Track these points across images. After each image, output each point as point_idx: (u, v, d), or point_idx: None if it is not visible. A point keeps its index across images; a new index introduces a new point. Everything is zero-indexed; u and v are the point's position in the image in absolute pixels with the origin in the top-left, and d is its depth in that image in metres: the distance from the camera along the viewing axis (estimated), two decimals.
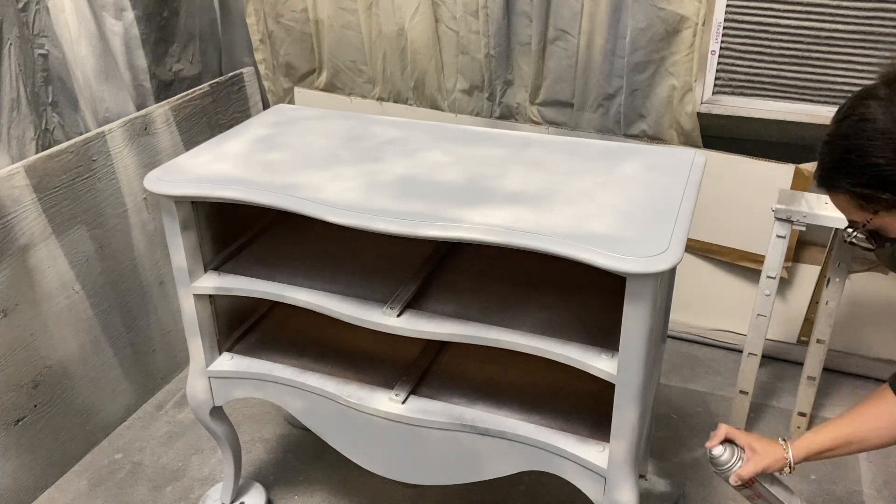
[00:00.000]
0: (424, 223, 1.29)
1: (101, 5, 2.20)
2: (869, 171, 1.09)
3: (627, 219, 1.31)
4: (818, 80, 2.17)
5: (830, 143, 1.16)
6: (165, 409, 2.37)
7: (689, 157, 1.56)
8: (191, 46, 2.58)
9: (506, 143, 1.66)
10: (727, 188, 2.27)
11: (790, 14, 2.11)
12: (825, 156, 1.18)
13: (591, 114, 2.39)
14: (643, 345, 1.25)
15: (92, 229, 2.11)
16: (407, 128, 1.76)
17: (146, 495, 2.05)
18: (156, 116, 2.31)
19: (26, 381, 1.96)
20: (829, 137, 1.17)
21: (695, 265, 2.46)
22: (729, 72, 2.25)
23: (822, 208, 1.82)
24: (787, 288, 2.39)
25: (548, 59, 2.36)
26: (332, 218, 1.35)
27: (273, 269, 1.63)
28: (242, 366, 1.67)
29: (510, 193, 1.40)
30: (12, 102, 1.98)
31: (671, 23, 2.16)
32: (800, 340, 2.42)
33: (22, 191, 1.89)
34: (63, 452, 2.12)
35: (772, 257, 1.89)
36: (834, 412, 2.28)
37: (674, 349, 2.56)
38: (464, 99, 2.53)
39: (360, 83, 2.67)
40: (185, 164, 1.57)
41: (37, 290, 1.96)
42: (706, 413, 2.30)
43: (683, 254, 1.22)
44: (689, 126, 2.28)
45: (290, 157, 1.59)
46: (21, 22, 1.99)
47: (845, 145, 1.13)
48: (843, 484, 2.03)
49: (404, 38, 2.49)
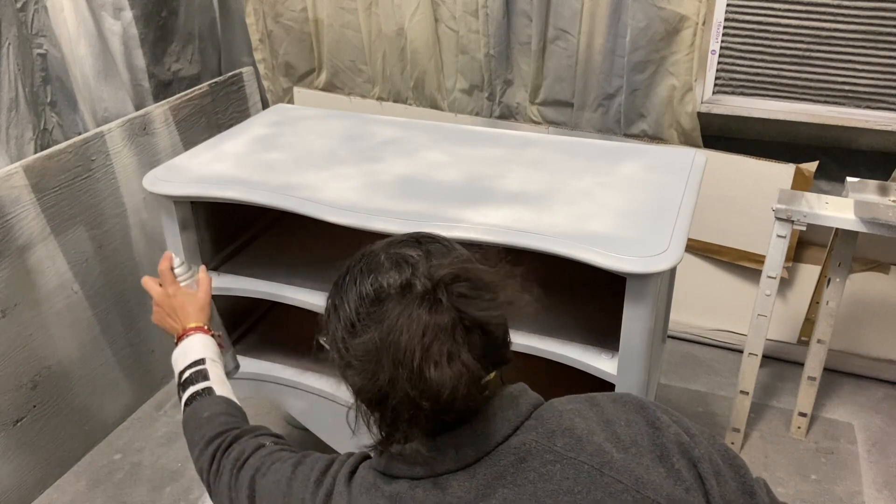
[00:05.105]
0: (424, 223, 1.29)
1: (100, 5, 2.20)
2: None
3: (627, 219, 1.30)
4: (819, 80, 2.16)
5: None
6: (165, 410, 2.37)
7: (689, 157, 1.56)
8: (190, 46, 2.57)
9: (505, 142, 1.66)
10: (727, 188, 2.26)
11: (791, 13, 2.10)
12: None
13: (591, 113, 2.39)
14: (643, 345, 1.25)
15: (91, 229, 2.11)
16: (406, 128, 1.75)
17: (145, 496, 2.05)
18: (155, 116, 2.30)
19: (25, 381, 1.96)
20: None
21: (695, 265, 2.46)
22: (729, 71, 2.25)
23: (822, 208, 1.81)
24: (787, 288, 2.39)
25: (548, 58, 2.36)
26: (331, 218, 1.35)
27: (273, 269, 1.62)
28: (242, 366, 1.66)
29: (510, 193, 1.40)
30: (11, 102, 1.98)
31: (671, 22, 2.16)
32: (800, 340, 2.42)
33: (21, 191, 1.89)
34: (62, 453, 2.11)
35: (772, 257, 1.89)
36: (835, 412, 2.28)
37: (674, 349, 2.56)
38: (463, 99, 2.53)
39: (359, 83, 2.66)
40: (184, 164, 1.57)
41: (36, 291, 1.95)
42: (706, 413, 2.30)
43: (683, 254, 1.22)
44: (689, 126, 2.28)
45: (290, 157, 1.59)
46: (20, 21, 1.99)
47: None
48: (843, 484, 2.03)
49: (404, 37, 2.49)
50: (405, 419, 0.78)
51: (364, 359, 0.79)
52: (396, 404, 0.77)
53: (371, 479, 0.84)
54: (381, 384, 0.77)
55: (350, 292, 0.83)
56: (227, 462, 0.99)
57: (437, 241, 0.86)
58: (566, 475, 0.79)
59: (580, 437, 0.81)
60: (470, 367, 0.76)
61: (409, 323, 0.75)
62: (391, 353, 0.76)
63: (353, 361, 0.81)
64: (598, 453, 0.80)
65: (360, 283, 0.83)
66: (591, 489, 0.78)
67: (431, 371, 0.74)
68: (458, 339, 0.76)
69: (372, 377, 0.78)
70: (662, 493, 0.78)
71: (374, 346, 0.77)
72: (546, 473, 0.79)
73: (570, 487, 0.78)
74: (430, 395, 0.75)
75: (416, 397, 0.75)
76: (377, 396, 0.79)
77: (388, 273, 0.81)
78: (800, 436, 2.19)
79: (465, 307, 0.77)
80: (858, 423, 2.23)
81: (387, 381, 0.76)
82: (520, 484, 0.78)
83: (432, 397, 0.75)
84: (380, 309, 0.79)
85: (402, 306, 0.77)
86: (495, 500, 0.78)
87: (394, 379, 0.76)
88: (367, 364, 0.78)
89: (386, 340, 0.76)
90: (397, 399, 0.77)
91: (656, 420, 0.84)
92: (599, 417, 0.84)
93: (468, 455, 0.80)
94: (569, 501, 0.77)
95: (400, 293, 0.79)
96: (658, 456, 0.81)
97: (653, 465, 0.80)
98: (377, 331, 0.78)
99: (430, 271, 0.79)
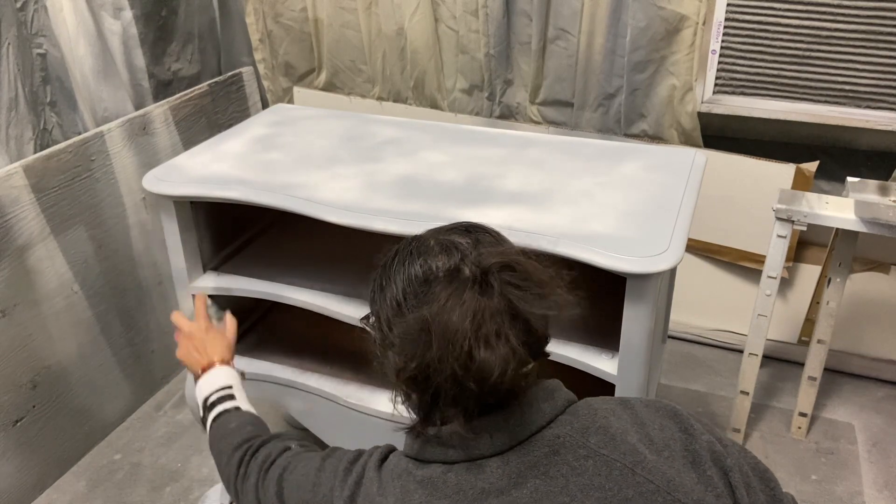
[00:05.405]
0: (424, 223, 1.28)
1: (100, 4, 2.19)
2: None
3: (628, 219, 1.30)
4: (819, 80, 2.16)
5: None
6: (164, 410, 2.37)
7: (689, 157, 1.56)
8: (190, 46, 2.57)
9: (505, 142, 1.66)
10: (727, 188, 2.26)
11: (791, 13, 2.10)
12: None
13: (591, 113, 2.39)
14: (643, 345, 1.24)
15: (90, 229, 2.10)
16: (406, 127, 1.75)
17: (145, 496, 2.05)
18: (154, 116, 2.30)
19: (25, 381, 1.95)
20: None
21: (695, 265, 2.45)
22: (729, 71, 2.25)
23: (823, 208, 1.81)
24: (787, 288, 2.39)
25: (548, 58, 2.35)
26: (331, 218, 1.35)
27: (272, 269, 1.62)
28: (242, 366, 1.66)
29: (510, 193, 1.40)
30: (10, 102, 1.98)
31: (671, 22, 2.16)
32: (800, 340, 2.42)
33: (20, 191, 1.88)
34: (62, 453, 2.11)
35: (772, 257, 1.89)
36: (835, 412, 2.28)
37: (674, 349, 2.56)
38: (463, 98, 2.53)
39: (359, 83, 2.66)
40: (183, 163, 1.57)
41: (35, 291, 1.95)
42: (706, 413, 2.30)
43: (683, 254, 1.22)
44: (689, 126, 2.28)
45: (290, 157, 1.58)
46: (19, 21, 1.99)
47: None
48: (844, 484, 2.03)
49: (404, 37, 2.49)
50: (448, 399, 0.78)
51: (408, 338, 0.79)
52: (441, 383, 0.77)
53: (403, 465, 0.84)
54: (425, 364, 0.77)
55: (398, 273, 0.84)
56: (254, 465, 1.00)
57: (488, 232, 0.87)
58: (598, 471, 0.79)
59: (614, 436, 0.81)
60: (517, 350, 0.77)
61: (460, 304, 0.76)
62: (440, 333, 0.76)
63: (396, 341, 0.81)
64: (631, 452, 0.80)
65: (409, 264, 0.83)
66: (622, 487, 0.78)
67: (481, 351, 0.75)
68: (506, 323, 0.77)
69: (416, 357, 0.78)
70: (693, 497, 0.78)
71: (421, 325, 0.77)
72: (578, 468, 0.79)
73: (602, 484, 0.78)
74: (478, 375, 0.76)
75: (462, 377, 0.76)
76: (420, 376, 0.79)
77: (437, 256, 0.82)
78: (800, 436, 2.19)
79: (513, 296, 0.78)
80: (859, 424, 2.23)
81: (434, 361, 0.76)
82: (552, 476, 0.79)
83: (479, 378, 0.76)
84: (428, 290, 0.80)
85: (452, 288, 0.78)
86: (527, 489, 0.78)
87: (441, 358, 0.76)
88: (412, 343, 0.78)
89: (435, 319, 0.76)
90: (442, 378, 0.77)
91: (689, 427, 0.84)
92: (633, 419, 0.84)
93: (503, 441, 0.80)
94: (599, 497, 0.78)
95: (448, 277, 0.79)
96: (690, 461, 0.81)
97: (685, 469, 0.80)
98: (426, 311, 0.78)
99: (479, 259, 0.80)
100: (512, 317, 0.78)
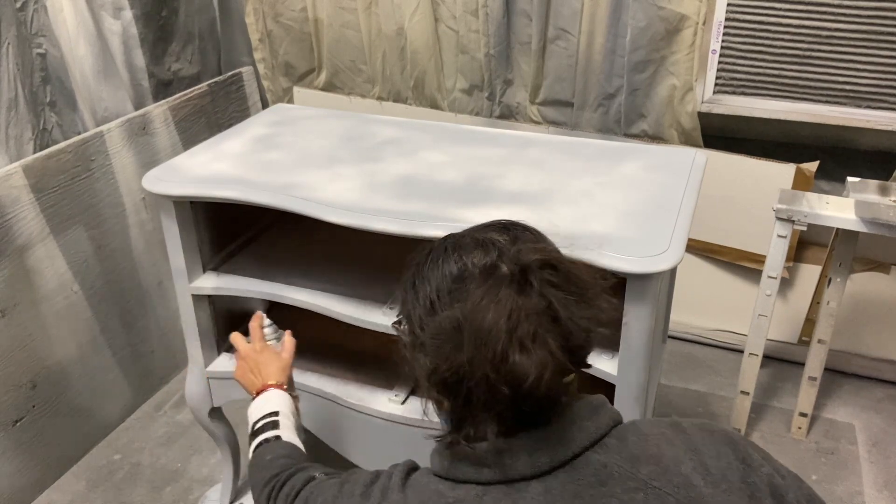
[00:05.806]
0: (424, 223, 1.29)
1: (100, 4, 2.19)
2: None
3: (628, 219, 1.30)
4: (819, 80, 2.16)
5: None
6: (164, 410, 2.37)
7: (689, 157, 1.56)
8: (189, 46, 2.57)
9: (505, 142, 1.66)
10: (728, 188, 2.26)
11: (791, 13, 2.10)
12: None
13: (591, 113, 2.39)
14: (644, 345, 1.24)
15: (90, 229, 2.10)
16: (406, 127, 1.75)
17: (145, 496, 2.05)
18: (154, 116, 2.30)
19: (25, 381, 1.95)
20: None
21: (695, 265, 2.45)
22: (730, 71, 2.24)
23: (823, 208, 1.81)
24: (788, 288, 2.38)
25: (548, 58, 2.35)
26: (331, 218, 1.34)
27: (272, 269, 1.62)
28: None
29: (510, 193, 1.40)
30: (10, 102, 1.98)
31: (672, 22, 2.16)
32: (801, 340, 2.41)
33: (20, 191, 1.88)
34: (61, 453, 2.11)
35: (773, 257, 1.88)
36: (835, 412, 2.27)
37: (674, 349, 2.55)
38: (463, 98, 2.52)
39: (359, 83, 2.66)
40: (183, 163, 1.57)
41: (35, 291, 1.95)
42: (706, 413, 2.29)
43: (684, 254, 1.21)
44: (689, 125, 2.27)
45: (290, 157, 1.58)
46: (19, 21, 1.99)
47: None
48: (844, 484, 2.03)
49: (404, 37, 2.49)
50: (480, 404, 0.73)
51: (440, 338, 0.74)
52: (472, 387, 0.72)
53: (434, 486, 0.79)
54: (457, 365, 0.72)
55: (432, 271, 0.79)
56: (280, 498, 0.97)
57: (527, 230, 0.83)
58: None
59: (667, 467, 0.75)
60: (556, 355, 0.72)
61: (496, 302, 0.71)
62: (473, 332, 0.71)
63: (428, 341, 0.76)
64: (685, 486, 0.74)
65: (444, 261, 0.79)
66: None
67: (516, 355, 0.70)
68: (545, 326, 0.72)
69: (448, 358, 0.73)
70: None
71: (454, 324, 0.73)
72: (628, 501, 0.73)
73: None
74: (512, 380, 0.70)
75: (495, 381, 0.71)
76: (451, 379, 0.74)
77: (472, 253, 0.77)
78: (800, 436, 2.19)
79: (553, 297, 0.73)
80: (859, 424, 2.23)
81: (465, 362, 0.72)
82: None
83: (514, 383, 0.71)
84: (463, 287, 0.75)
85: (488, 286, 0.73)
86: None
87: (473, 360, 0.71)
88: (444, 344, 0.74)
89: (468, 318, 0.72)
90: (474, 381, 0.72)
91: (747, 456, 0.78)
92: (687, 445, 0.78)
93: (542, 461, 0.74)
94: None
95: (484, 274, 0.75)
96: (748, 496, 0.75)
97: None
98: (459, 309, 0.73)
99: (518, 256, 0.75)
100: (552, 319, 0.73)
